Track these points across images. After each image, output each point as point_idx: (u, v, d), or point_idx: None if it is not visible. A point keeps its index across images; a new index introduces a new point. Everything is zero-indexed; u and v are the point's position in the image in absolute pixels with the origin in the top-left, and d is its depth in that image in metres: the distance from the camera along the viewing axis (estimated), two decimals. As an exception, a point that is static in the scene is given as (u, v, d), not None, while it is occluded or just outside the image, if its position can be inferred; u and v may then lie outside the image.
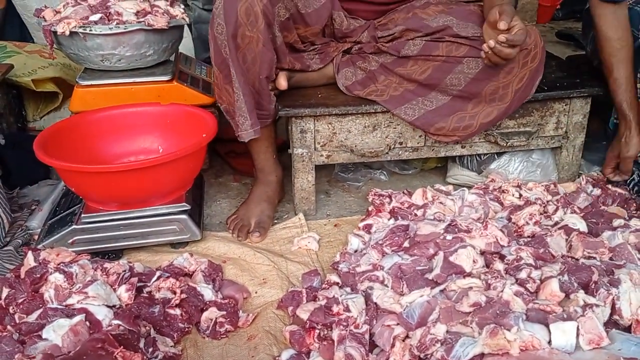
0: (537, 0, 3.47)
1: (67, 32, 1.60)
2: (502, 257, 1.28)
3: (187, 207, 1.49)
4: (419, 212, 1.56)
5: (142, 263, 1.41)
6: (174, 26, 1.73)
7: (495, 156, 1.76)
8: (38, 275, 1.17)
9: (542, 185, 1.64)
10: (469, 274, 1.22)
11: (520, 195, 1.61)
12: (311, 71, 1.67)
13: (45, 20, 1.68)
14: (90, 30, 1.61)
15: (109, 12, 1.65)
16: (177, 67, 1.84)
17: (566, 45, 3.09)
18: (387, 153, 1.63)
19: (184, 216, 1.48)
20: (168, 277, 1.26)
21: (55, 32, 1.63)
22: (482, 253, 1.29)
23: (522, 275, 1.17)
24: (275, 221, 1.64)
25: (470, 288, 1.15)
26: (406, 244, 1.37)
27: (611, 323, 1.08)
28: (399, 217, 1.54)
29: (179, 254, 1.46)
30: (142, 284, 1.25)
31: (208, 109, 1.72)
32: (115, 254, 1.47)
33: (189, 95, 1.76)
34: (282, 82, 1.58)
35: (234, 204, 1.76)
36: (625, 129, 1.65)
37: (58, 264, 1.20)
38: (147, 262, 1.45)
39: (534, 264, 1.22)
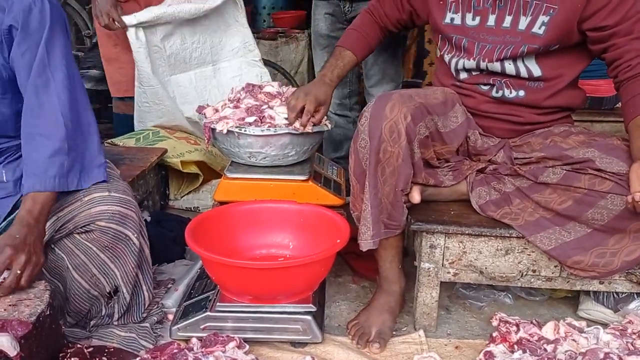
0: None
1: (225, 131, 1.77)
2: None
3: (313, 308, 1.53)
4: (549, 348, 1.48)
5: (264, 358, 1.45)
6: (316, 131, 1.85)
7: (635, 295, 1.64)
8: (178, 362, 1.24)
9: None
10: None
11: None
12: (443, 187, 1.70)
13: (206, 117, 1.87)
14: (245, 130, 1.77)
15: (263, 116, 1.81)
16: (312, 167, 1.95)
17: None
18: (518, 279, 1.59)
19: (309, 317, 1.51)
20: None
21: (214, 129, 1.81)
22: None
23: None
24: (394, 332, 1.63)
25: None
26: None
27: None
28: (527, 350, 1.47)
29: (300, 354, 1.48)
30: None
31: (337, 210, 1.79)
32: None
33: (322, 195, 1.84)
34: (416, 196, 1.62)
35: (353, 307, 1.77)
36: None
37: (197, 353, 1.26)
38: (268, 357, 1.49)
39: None
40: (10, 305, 1.28)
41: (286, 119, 1.80)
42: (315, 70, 2.50)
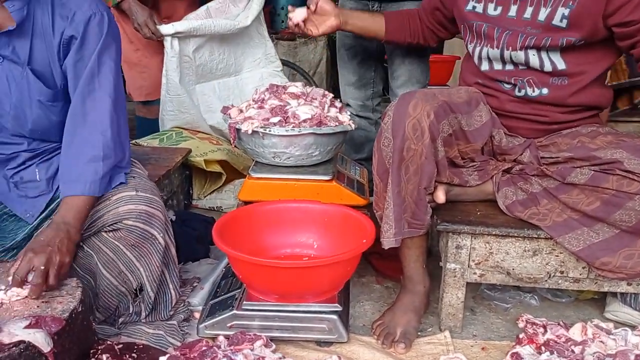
0: None
1: (250, 131, 1.78)
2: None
3: (339, 308, 1.53)
4: (577, 349, 1.47)
5: (290, 357, 1.46)
6: (340, 131, 1.86)
7: (664, 297, 1.62)
8: (208, 359, 1.25)
9: None
10: None
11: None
12: (469, 187, 1.70)
13: (231, 118, 1.89)
14: (269, 130, 1.78)
15: (287, 116, 1.82)
16: (336, 168, 1.95)
17: None
18: (546, 280, 1.58)
19: (334, 317, 1.52)
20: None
21: (239, 129, 1.82)
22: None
23: None
24: (419, 333, 1.62)
25: None
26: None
27: None
28: (555, 352, 1.46)
29: (326, 353, 1.49)
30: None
31: (360, 210, 1.79)
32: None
33: (345, 195, 1.84)
34: (441, 196, 1.61)
35: (377, 308, 1.77)
36: None
37: (226, 351, 1.27)
38: (294, 356, 1.50)
39: None
40: (43, 302, 1.30)
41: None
42: (340, 71, 2.49)
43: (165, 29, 2.42)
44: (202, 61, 2.64)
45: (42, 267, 1.29)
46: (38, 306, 1.29)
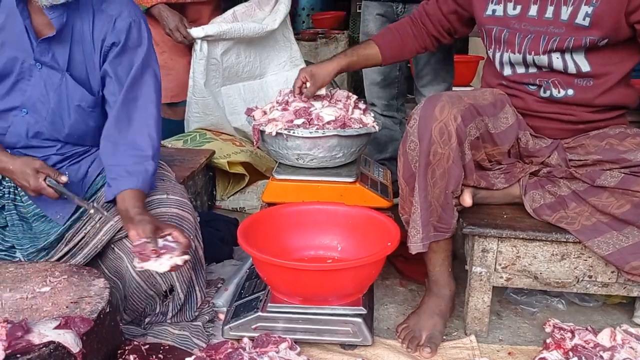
0: None
1: (274, 133, 1.79)
2: None
3: (364, 311, 1.53)
4: (606, 355, 1.45)
5: (314, 360, 1.46)
6: (364, 133, 1.85)
7: (696, 303, 1.59)
8: (234, 361, 1.25)
9: None
10: None
11: None
12: (495, 190, 1.68)
13: (255, 120, 1.89)
14: (293, 132, 1.78)
15: (311, 118, 1.82)
16: (359, 169, 1.94)
17: None
18: (574, 285, 1.55)
19: (359, 319, 1.51)
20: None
21: (262, 131, 1.83)
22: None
23: None
24: (444, 337, 1.61)
25: None
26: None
27: None
28: (583, 358, 1.44)
29: (351, 356, 1.48)
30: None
31: (384, 212, 1.78)
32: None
33: (369, 197, 1.84)
34: (467, 199, 1.60)
35: (401, 311, 1.76)
36: None
37: (251, 353, 1.28)
38: (318, 358, 1.50)
39: None
40: (72, 302, 1.32)
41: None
42: (364, 71, 2.49)
43: (196, 31, 2.46)
44: (229, 64, 2.67)
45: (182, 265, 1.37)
46: (67, 307, 1.31)
